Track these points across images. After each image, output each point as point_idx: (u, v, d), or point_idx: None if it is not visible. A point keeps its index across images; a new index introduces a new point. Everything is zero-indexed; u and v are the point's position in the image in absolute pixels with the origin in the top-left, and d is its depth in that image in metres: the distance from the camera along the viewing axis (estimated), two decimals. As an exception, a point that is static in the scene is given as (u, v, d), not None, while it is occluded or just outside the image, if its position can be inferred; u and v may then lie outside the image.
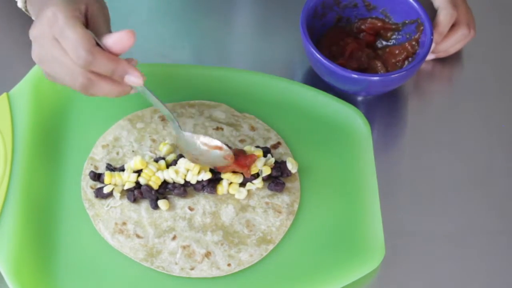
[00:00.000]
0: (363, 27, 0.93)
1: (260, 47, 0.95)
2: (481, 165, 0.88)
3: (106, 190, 0.79)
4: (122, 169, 0.80)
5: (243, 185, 0.81)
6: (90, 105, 0.86)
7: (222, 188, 0.80)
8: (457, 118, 0.91)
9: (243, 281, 0.77)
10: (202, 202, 0.80)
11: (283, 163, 0.82)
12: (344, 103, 0.88)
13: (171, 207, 0.79)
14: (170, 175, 0.79)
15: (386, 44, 0.93)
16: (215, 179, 0.80)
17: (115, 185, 0.79)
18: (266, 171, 0.81)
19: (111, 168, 0.81)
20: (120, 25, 0.98)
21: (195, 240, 0.78)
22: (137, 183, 0.79)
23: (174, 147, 0.83)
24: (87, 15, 0.72)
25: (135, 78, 0.71)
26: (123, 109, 0.86)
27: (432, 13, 0.91)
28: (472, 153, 0.88)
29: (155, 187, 0.79)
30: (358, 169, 0.84)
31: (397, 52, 0.90)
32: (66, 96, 0.86)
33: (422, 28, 0.88)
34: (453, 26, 0.91)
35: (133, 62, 0.72)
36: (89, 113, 0.86)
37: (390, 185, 0.85)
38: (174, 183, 0.80)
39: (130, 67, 0.71)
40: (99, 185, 0.80)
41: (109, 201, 0.79)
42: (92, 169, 0.81)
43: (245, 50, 0.96)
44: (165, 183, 0.80)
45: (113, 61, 0.69)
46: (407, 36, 0.91)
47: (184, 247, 0.77)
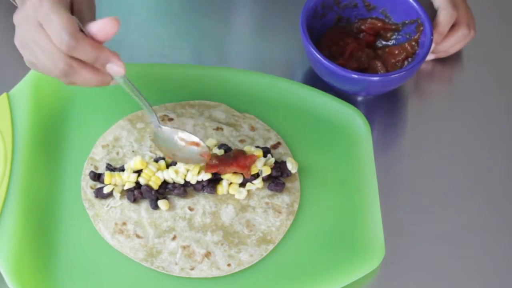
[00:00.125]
0: (363, 27, 0.93)
1: (260, 47, 0.95)
2: (481, 165, 0.88)
3: (106, 190, 0.79)
4: (122, 169, 0.80)
5: (243, 185, 0.81)
6: (90, 105, 0.86)
7: (222, 188, 0.80)
8: (457, 118, 0.91)
9: (243, 281, 0.77)
10: (202, 202, 0.80)
11: (283, 163, 0.82)
12: (344, 103, 0.88)
13: (171, 207, 0.79)
14: (170, 175, 0.79)
15: (385, 44, 0.93)
16: (215, 179, 0.80)
17: (115, 185, 0.79)
18: (266, 171, 0.81)
19: (111, 168, 0.81)
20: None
21: (195, 240, 0.78)
22: (137, 183, 0.79)
23: (174, 147, 0.83)
24: (72, 2, 0.71)
25: (117, 67, 0.70)
26: (123, 109, 0.86)
27: (432, 13, 0.91)
28: (472, 153, 0.88)
29: (155, 187, 0.79)
30: (358, 169, 0.84)
31: (396, 52, 0.90)
32: (66, 96, 0.86)
33: (422, 28, 0.88)
34: (453, 26, 0.91)
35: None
36: (89, 113, 0.86)
37: (390, 185, 0.85)
38: (174, 183, 0.80)
39: (113, 55, 0.69)
40: (99, 185, 0.80)
41: (109, 201, 0.79)
42: (92, 169, 0.81)
43: (245, 50, 0.95)
44: (165, 183, 0.80)
45: (96, 48, 0.68)
46: (407, 36, 0.91)
47: (184, 247, 0.77)
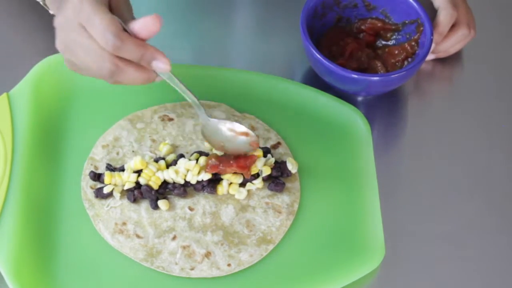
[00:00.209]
0: (363, 27, 0.93)
1: (260, 47, 0.95)
2: (481, 165, 0.88)
3: (106, 190, 0.79)
4: (122, 169, 0.80)
5: (243, 185, 0.81)
6: (90, 105, 0.86)
7: (222, 188, 0.80)
8: (457, 118, 0.91)
9: (243, 281, 0.77)
10: (202, 202, 0.80)
11: (283, 163, 0.82)
12: (344, 103, 0.88)
13: (171, 207, 0.79)
14: (170, 175, 0.79)
15: (385, 44, 0.93)
16: (215, 179, 0.80)
17: (115, 185, 0.79)
18: (266, 171, 0.81)
19: (111, 168, 0.81)
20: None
21: (195, 240, 0.78)
22: (137, 183, 0.79)
23: (174, 147, 0.83)
24: (111, 3, 0.71)
25: (163, 64, 0.70)
26: (123, 109, 0.86)
27: (432, 13, 0.91)
28: (472, 153, 0.88)
29: (155, 187, 0.79)
30: (358, 169, 0.84)
31: (396, 52, 0.90)
32: (66, 96, 0.86)
33: (422, 28, 0.88)
34: (453, 26, 0.91)
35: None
36: (89, 113, 0.86)
37: (390, 185, 0.85)
38: (174, 183, 0.80)
39: (158, 52, 0.70)
40: (99, 185, 0.80)
41: (109, 201, 0.79)
42: (92, 169, 0.81)
43: (245, 50, 0.95)
44: (165, 183, 0.80)
45: (141, 46, 0.69)
46: (407, 36, 0.91)
47: (184, 247, 0.77)
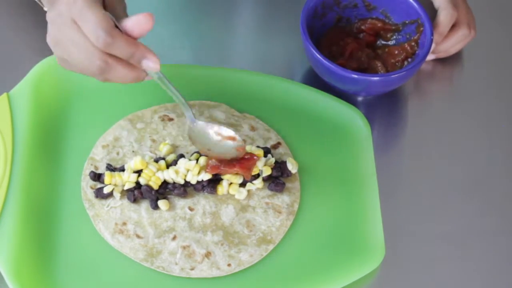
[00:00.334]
0: (363, 27, 0.93)
1: (260, 47, 0.95)
2: (481, 165, 0.88)
3: (106, 190, 0.79)
4: (122, 169, 0.80)
5: (243, 185, 0.81)
6: (90, 105, 0.86)
7: (222, 188, 0.80)
8: (457, 118, 0.91)
9: (243, 281, 0.77)
10: (202, 202, 0.80)
11: (283, 163, 0.82)
12: (344, 103, 0.88)
13: (171, 207, 0.79)
14: (170, 175, 0.79)
15: (385, 44, 0.93)
16: (215, 179, 0.80)
17: (115, 185, 0.79)
18: (266, 171, 0.81)
19: (111, 168, 0.81)
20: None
21: (195, 240, 0.78)
22: (137, 183, 0.79)
23: (174, 147, 0.83)
24: (105, 0, 0.71)
25: (153, 63, 0.70)
26: (123, 109, 0.86)
27: (432, 13, 0.91)
28: (472, 153, 0.88)
29: (155, 187, 0.79)
30: (358, 169, 0.84)
31: (396, 52, 0.90)
32: (66, 96, 0.86)
33: (421, 29, 0.88)
34: (454, 26, 0.91)
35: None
36: (89, 113, 0.86)
37: (390, 185, 0.85)
38: (174, 183, 0.80)
39: (148, 51, 0.70)
40: (99, 185, 0.80)
41: (109, 201, 0.79)
42: (92, 169, 0.81)
43: (245, 50, 0.95)
44: (165, 183, 0.80)
45: (132, 44, 0.68)
46: (407, 36, 0.91)
47: (184, 247, 0.77)
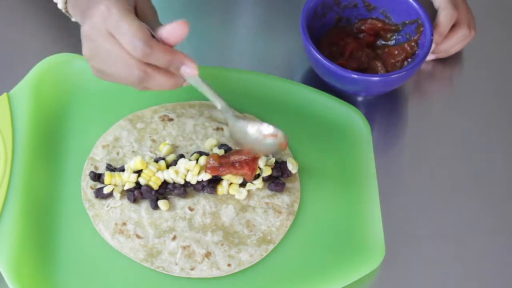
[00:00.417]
0: (363, 27, 0.92)
1: (260, 47, 0.95)
2: (481, 165, 0.88)
3: (106, 190, 0.79)
4: (122, 169, 0.80)
5: (243, 185, 0.81)
6: (90, 105, 0.86)
7: (222, 188, 0.80)
8: (457, 118, 0.91)
9: (243, 281, 0.77)
10: (202, 202, 0.80)
11: (284, 163, 0.82)
12: (344, 103, 0.88)
13: (171, 207, 0.79)
14: (170, 175, 0.79)
15: (385, 44, 0.93)
16: (215, 179, 0.80)
17: (115, 185, 0.79)
18: (266, 172, 0.81)
19: (111, 168, 0.81)
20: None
21: (195, 240, 0.78)
22: (137, 183, 0.79)
23: (174, 148, 0.83)
24: (137, 9, 0.71)
25: (191, 69, 0.70)
26: (123, 109, 0.86)
27: (432, 13, 0.91)
28: (472, 153, 0.88)
29: (155, 187, 0.79)
30: (358, 169, 0.84)
31: (396, 52, 0.90)
32: (66, 96, 0.86)
33: (421, 29, 0.88)
34: (454, 26, 0.91)
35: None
36: (89, 113, 0.86)
37: (390, 185, 0.85)
38: (174, 183, 0.80)
39: (186, 58, 0.70)
40: (99, 185, 0.80)
41: (109, 201, 0.79)
42: (92, 169, 0.81)
43: (245, 50, 0.95)
44: (165, 183, 0.80)
45: (170, 53, 0.69)
46: (407, 36, 0.91)
47: (184, 247, 0.77)
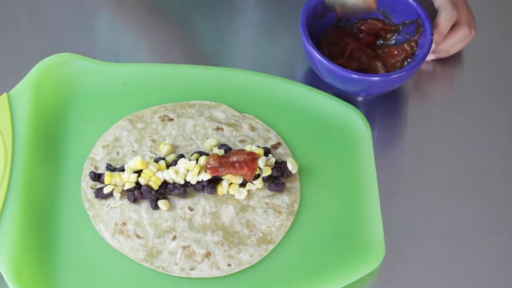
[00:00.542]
0: (363, 27, 0.92)
1: (260, 47, 0.95)
2: (481, 165, 0.88)
3: (106, 190, 0.79)
4: (122, 169, 0.80)
5: (243, 185, 0.81)
6: (90, 105, 0.86)
7: (222, 188, 0.80)
8: (457, 118, 0.91)
9: (243, 281, 0.77)
10: (202, 202, 0.80)
11: (284, 163, 0.82)
12: (344, 103, 0.88)
13: (171, 207, 0.79)
14: (170, 175, 0.79)
15: (385, 44, 0.93)
16: (215, 179, 0.80)
17: (115, 185, 0.79)
18: (266, 171, 0.81)
19: (111, 168, 0.81)
20: (120, 25, 0.98)
21: (195, 240, 0.78)
22: (137, 183, 0.79)
23: (174, 147, 0.83)
24: None
25: None
26: (123, 109, 0.86)
27: (432, 13, 0.91)
28: (472, 153, 0.88)
29: (155, 187, 0.79)
30: (358, 169, 0.84)
31: (396, 52, 0.90)
32: (66, 96, 0.86)
33: (421, 29, 0.88)
34: (454, 26, 0.91)
35: None
36: (89, 113, 0.86)
37: (390, 185, 0.85)
38: (174, 183, 0.80)
39: None
40: (99, 185, 0.80)
41: (109, 201, 0.79)
42: (92, 169, 0.81)
43: (245, 50, 0.95)
44: (165, 183, 0.80)
45: None
46: (407, 36, 0.91)
47: (184, 247, 0.77)
